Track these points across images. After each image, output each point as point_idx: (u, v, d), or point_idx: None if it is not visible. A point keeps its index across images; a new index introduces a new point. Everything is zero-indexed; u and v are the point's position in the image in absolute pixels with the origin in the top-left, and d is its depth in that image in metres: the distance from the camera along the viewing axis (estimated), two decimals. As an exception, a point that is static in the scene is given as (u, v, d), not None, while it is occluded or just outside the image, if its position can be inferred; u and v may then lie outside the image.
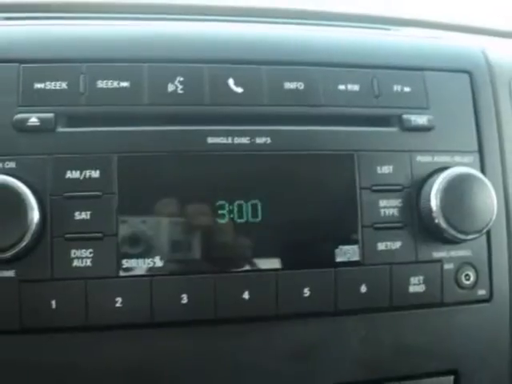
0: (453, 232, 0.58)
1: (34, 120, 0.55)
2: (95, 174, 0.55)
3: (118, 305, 0.54)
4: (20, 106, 0.56)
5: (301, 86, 0.61)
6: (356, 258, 0.59)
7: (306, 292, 0.57)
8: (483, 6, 1.13)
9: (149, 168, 0.56)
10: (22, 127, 0.55)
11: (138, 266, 0.55)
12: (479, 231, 0.59)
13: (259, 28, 0.70)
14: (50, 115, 0.56)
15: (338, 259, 0.58)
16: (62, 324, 0.54)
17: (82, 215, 0.55)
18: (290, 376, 0.59)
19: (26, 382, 0.54)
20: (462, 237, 0.59)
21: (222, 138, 0.58)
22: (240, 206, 0.57)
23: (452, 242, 0.60)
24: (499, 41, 0.86)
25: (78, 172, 0.55)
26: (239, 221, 0.57)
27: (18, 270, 0.53)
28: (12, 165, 0.54)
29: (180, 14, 0.77)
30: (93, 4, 0.79)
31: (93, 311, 0.54)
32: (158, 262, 0.55)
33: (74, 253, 0.54)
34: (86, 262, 0.54)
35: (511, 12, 1.09)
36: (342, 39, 0.68)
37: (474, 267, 0.62)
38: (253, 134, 0.58)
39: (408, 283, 0.60)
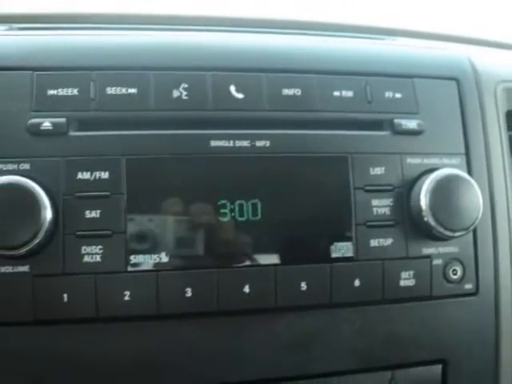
0: (441, 229, 0.59)
1: (47, 124, 0.56)
2: (105, 175, 0.55)
3: (126, 298, 0.55)
4: (34, 111, 0.56)
5: (298, 92, 0.61)
6: (350, 254, 0.59)
7: (303, 286, 0.58)
8: (470, 17, 1.13)
9: (155, 169, 0.56)
10: (35, 131, 0.55)
11: (145, 261, 0.55)
12: (466, 229, 0.60)
13: (259, 38, 0.70)
14: (62, 120, 0.56)
15: (333, 255, 0.59)
16: (74, 316, 0.54)
17: (92, 214, 0.55)
18: (288, 365, 0.59)
19: (39, 370, 0.55)
20: (450, 234, 0.59)
21: (224, 141, 0.58)
22: (241, 205, 0.57)
23: (440, 238, 0.60)
24: (485, 50, 0.87)
25: (89, 173, 0.55)
26: (240, 219, 0.57)
27: (32, 265, 0.54)
28: (26, 166, 0.54)
29: (184, 24, 0.77)
30: (102, 15, 0.80)
31: (102, 304, 0.54)
32: (164, 258, 0.56)
33: (84, 249, 0.54)
34: (96, 258, 0.54)
35: (495, 23, 1.10)
36: (337, 48, 0.68)
37: (461, 263, 0.62)
38: (253, 138, 0.59)
39: (399, 277, 0.60)
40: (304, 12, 0.96)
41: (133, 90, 0.58)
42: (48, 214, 0.52)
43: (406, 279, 0.60)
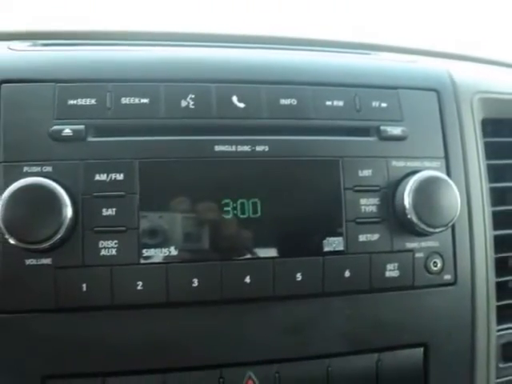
0: (423, 226, 0.59)
1: (67, 131, 0.56)
2: (120, 176, 0.55)
3: (138, 288, 0.55)
4: (56, 119, 0.56)
5: (294, 102, 0.61)
6: (341, 247, 0.59)
7: (299, 276, 0.58)
8: (449, 34, 1.13)
9: (165, 171, 0.56)
10: (57, 137, 0.55)
11: (156, 254, 0.55)
12: (445, 225, 0.60)
13: (258, 53, 0.70)
14: (81, 127, 0.56)
15: (326, 249, 0.59)
16: (91, 304, 0.54)
17: (108, 212, 0.55)
18: (284, 348, 0.59)
19: (60, 352, 0.55)
20: (431, 230, 0.59)
21: (227, 146, 0.58)
22: (242, 204, 0.57)
23: (422, 234, 0.61)
24: (462, 64, 0.86)
25: (105, 175, 0.55)
26: (242, 216, 0.57)
27: (54, 258, 0.54)
28: (49, 169, 0.54)
29: (191, 41, 0.77)
30: (117, 33, 0.80)
31: (117, 293, 0.54)
32: (173, 251, 0.56)
33: (101, 243, 0.54)
34: (112, 251, 0.54)
35: (472, 38, 1.10)
36: (329, 62, 0.68)
37: (441, 256, 0.62)
38: (253, 143, 0.59)
39: (385, 269, 0.60)
40: (299, 29, 0.96)
41: (145, 100, 0.58)
42: (68, 211, 0.52)
43: (391, 271, 0.60)
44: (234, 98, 0.60)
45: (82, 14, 0.99)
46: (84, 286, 0.54)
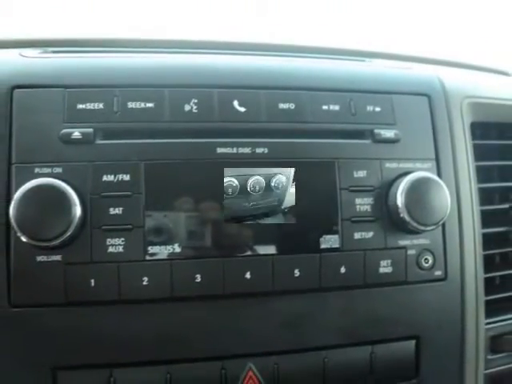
0: (415, 224, 0.59)
1: (76, 134, 0.56)
2: (126, 177, 0.55)
3: (144, 283, 0.55)
4: (65, 123, 0.56)
5: (292, 106, 0.61)
6: (337, 245, 0.59)
7: (297, 272, 0.58)
8: (441, 41, 1.13)
9: (169, 173, 0.56)
10: (67, 140, 0.55)
11: (161, 251, 0.55)
12: (436, 223, 0.60)
13: (258, 59, 0.70)
14: (90, 130, 0.56)
15: (322, 246, 0.59)
16: (99, 298, 0.54)
17: (115, 211, 0.55)
18: (283, 341, 0.59)
19: (70, 345, 0.55)
20: (422, 228, 0.59)
21: (228, 148, 0.58)
22: None
23: (414, 232, 0.61)
24: (452, 70, 0.86)
25: (113, 176, 0.55)
26: None
27: (64, 254, 0.54)
28: (59, 170, 0.55)
29: (194, 48, 0.77)
30: (124, 40, 0.80)
31: (124, 288, 0.55)
32: (177, 249, 0.56)
33: (108, 241, 0.54)
34: (119, 249, 0.55)
35: (462, 46, 1.10)
36: (326, 68, 0.68)
37: (432, 252, 0.62)
38: (253, 145, 0.59)
39: (379, 265, 0.60)
40: (297, 37, 0.96)
41: (150, 105, 0.58)
42: (77, 210, 0.52)
43: (385, 267, 0.60)
44: (235, 103, 0.60)
45: (90, 22, 0.99)
46: (92, 281, 0.54)
